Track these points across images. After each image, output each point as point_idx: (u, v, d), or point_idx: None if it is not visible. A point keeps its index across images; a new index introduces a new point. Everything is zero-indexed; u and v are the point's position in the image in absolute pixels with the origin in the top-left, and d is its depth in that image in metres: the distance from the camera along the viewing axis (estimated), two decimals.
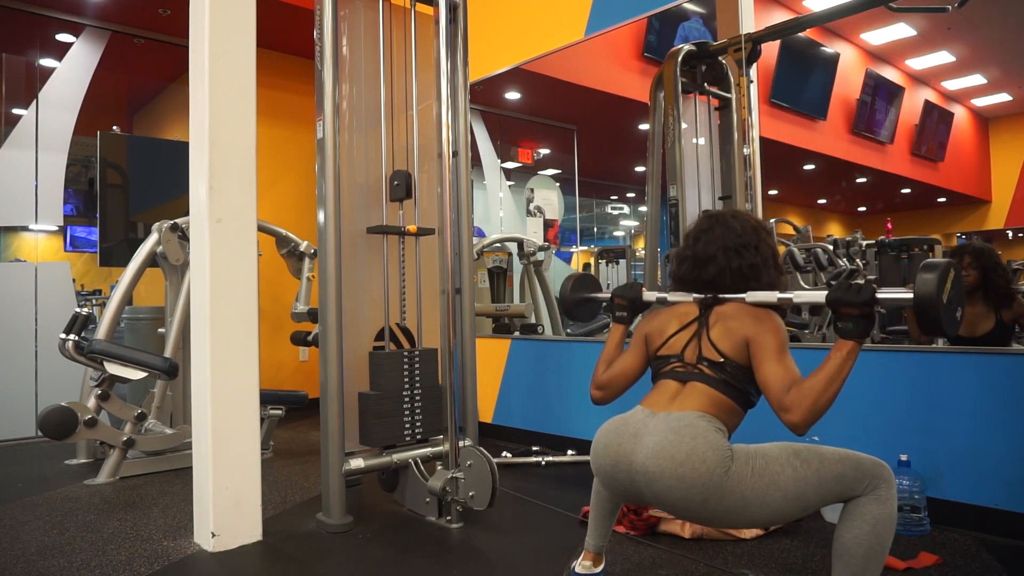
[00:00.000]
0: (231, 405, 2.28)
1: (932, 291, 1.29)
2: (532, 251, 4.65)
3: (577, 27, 3.70)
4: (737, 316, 1.57)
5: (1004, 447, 2.24)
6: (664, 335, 1.67)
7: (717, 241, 1.65)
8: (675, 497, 1.42)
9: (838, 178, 3.87)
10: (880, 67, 3.48)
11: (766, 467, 1.40)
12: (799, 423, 1.37)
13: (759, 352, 1.49)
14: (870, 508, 1.38)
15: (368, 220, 2.69)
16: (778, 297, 1.55)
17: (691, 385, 1.55)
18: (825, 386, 1.36)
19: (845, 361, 1.38)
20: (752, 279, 1.62)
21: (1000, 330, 2.50)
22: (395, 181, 2.63)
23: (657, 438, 1.45)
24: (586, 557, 1.82)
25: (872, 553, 1.37)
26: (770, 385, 1.45)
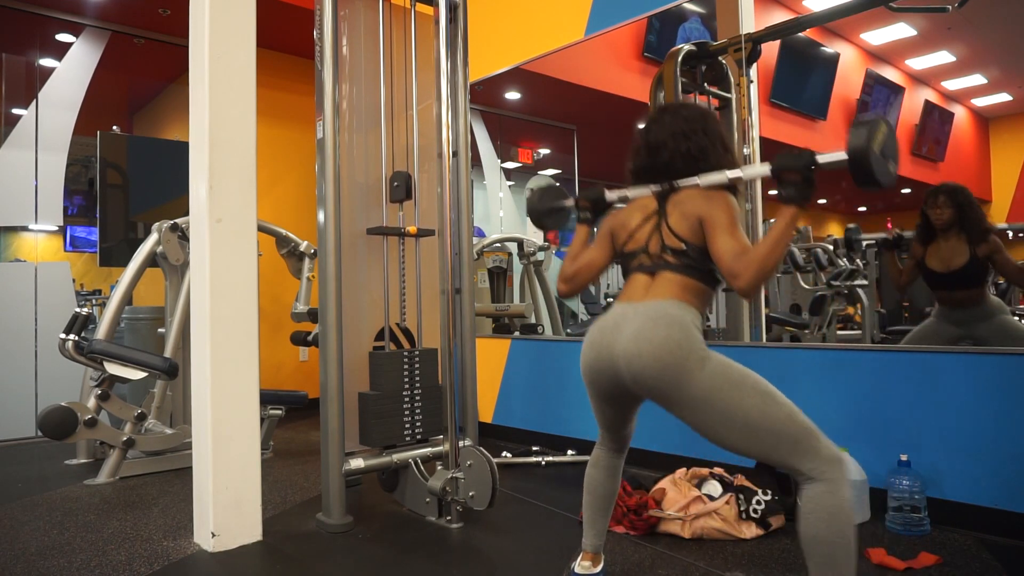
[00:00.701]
0: (231, 405, 2.28)
1: (863, 143, 1.37)
2: (532, 251, 4.64)
3: (577, 27, 3.70)
4: (690, 199, 1.64)
5: (1004, 447, 2.24)
6: (628, 229, 1.74)
7: (666, 128, 1.71)
8: (650, 376, 1.50)
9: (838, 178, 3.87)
10: (880, 67, 3.48)
11: (740, 381, 1.48)
12: (746, 287, 1.46)
13: (711, 228, 1.56)
14: (822, 502, 1.41)
15: (368, 221, 2.69)
16: (728, 176, 1.60)
17: (660, 275, 1.63)
18: (770, 250, 1.44)
19: (788, 225, 1.46)
20: (701, 160, 1.67)
21: (974, 264, 2.60)
22: (395, 182, 2.63)
23: (636, 324, 1.55)
24: (584, 557, 1.82)
25: (836, 548, 1.38)
26: (722, 256, 1.51)
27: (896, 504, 2.30)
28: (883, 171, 1.41)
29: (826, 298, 3.35)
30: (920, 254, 2.75)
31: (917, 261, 2.77)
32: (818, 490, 1.42)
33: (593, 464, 1.85)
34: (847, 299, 3.36)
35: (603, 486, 1.83)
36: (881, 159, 1.40)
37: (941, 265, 2.67)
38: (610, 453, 1.84)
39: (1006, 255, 2.60)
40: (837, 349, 2.71)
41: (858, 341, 3.29)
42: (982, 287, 2.63)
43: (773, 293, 3.50)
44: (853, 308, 3.40)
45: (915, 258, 2.78)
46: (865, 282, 3.29)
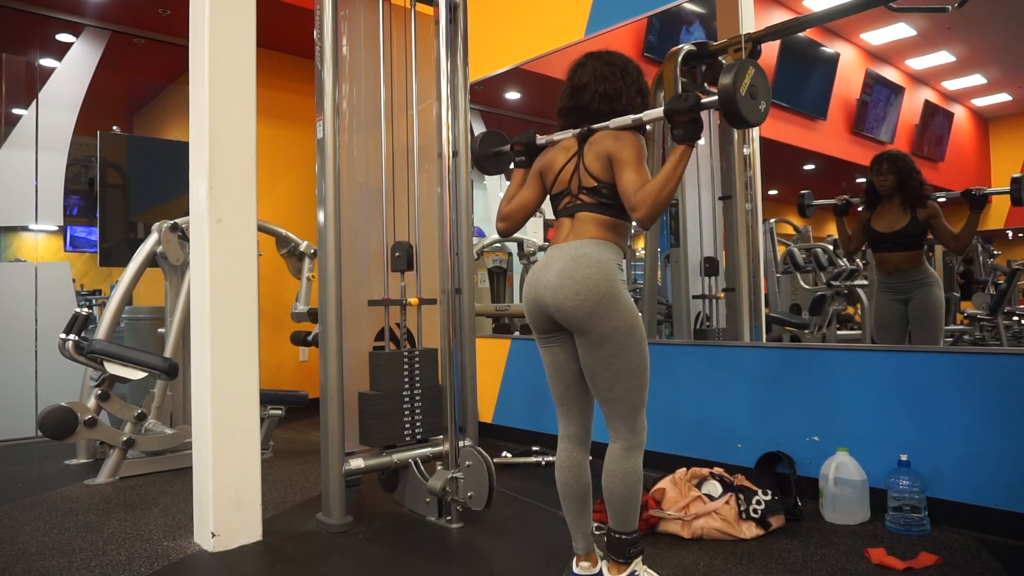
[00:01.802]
0: (231, 405, 2.28)
1: (729, 85, 1.51)
2: (532, 251, 4.64)
3: (577, 27, 3.70)
4: (602, 140, 1.77)
5: (1004, 447, 2.24)
6: (554, 170, 1.86)
7: (589, 70, 1.85)
8: (569, 306, 1.69)
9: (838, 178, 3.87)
10: (880, 67, 3.48)
11: (635, 339, 1.70)
12: (643, 217, 1.62)
13: (618, 165, 1.70)
14: (622, 463, 1.72)
15: (368, 227, 2.69)
16: (632, 119, 1.73)
17: (578, 217, 1.79)
18: (663, 184, 1.59)
19: (679, 162, 1.60)
20: (615, 101, 1.81)
21: (914, 226, 2.81)
22: (396, 252, 2.60)
23: (561, 263, 1.73)
24: (580, 559, 1.82)
25: (625, 502, 1.73)
26: (625, 190, 1.66)
27: (896, 504, 2.30)
28: (751, 111, 1.54)
29: (826, 298, 3.34)
30: (866, 218, 2.95)
31: (864, 225, 2.96)
32: (620, 452, 1.73)
33: (559, 467, 1.85)
34: (847, 299, 3.36)
35: (574, 487, 1.82)
36: (749, 100, 1.53)
37: (885, 227, 2.88)
38: (574, 447, 1.84)
39: (943, 220, 2.79)
40: (837, 349, 2.71)
41: (858, 341, 3.29)
42: (919, 250, 2.84)
43: (773, 293, 3.50)
44: (853, 308, 3.40)
45: (862, 222, 2.98)
46: (865, 282, 3.29)
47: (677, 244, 3.43)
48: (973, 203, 2.74)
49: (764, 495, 2.31)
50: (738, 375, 2.92)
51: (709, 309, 3.38)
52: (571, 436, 1.85)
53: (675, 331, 3.51)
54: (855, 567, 2.00)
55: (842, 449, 2.46)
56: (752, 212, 3.04)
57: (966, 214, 2.77)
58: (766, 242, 3.25)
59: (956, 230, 2.78)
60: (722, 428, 2.97)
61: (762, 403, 2.85)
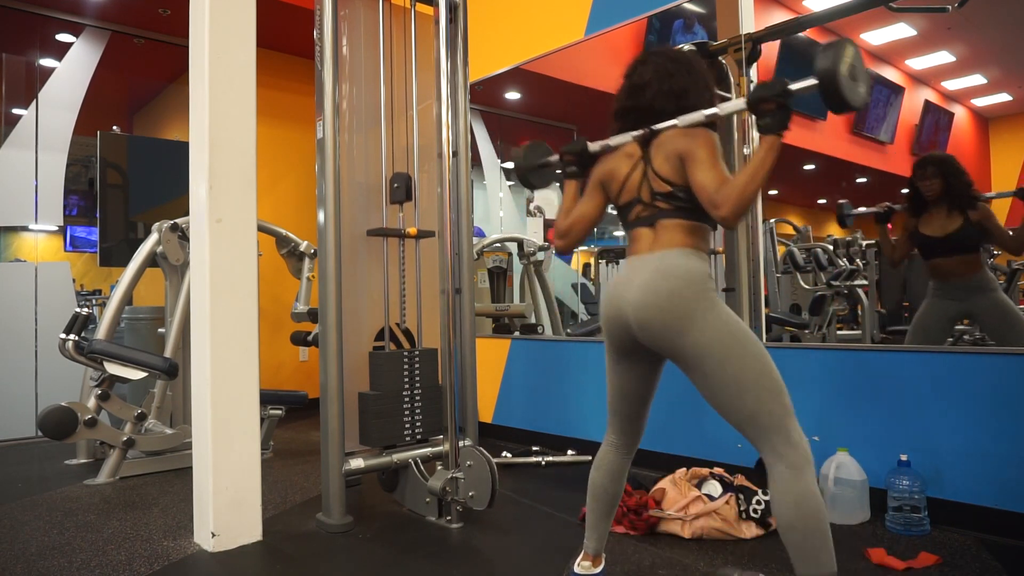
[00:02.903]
0: (231, 405, 2.28)
1: (830, 65, 1.38)
2: (532, 251, 4.64)
3: (577, 27, 3.70)
4: (671, 139, 1.64)
5: (1004, 447, 2.24)
6: (618, 178, 1.74)
7: (651, 69, 1.72)
8: (656, 325, 1.55)
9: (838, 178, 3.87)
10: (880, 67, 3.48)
11: (745, 344, 1.51)
12: (728, 215, 1.48)
13: (692, 163, 1.57)
14: (790, 487, 1.43)
15: (368, 221, 2.69)
16: (704, 114, 1.61)
17: (659, 225, 1.64)
18: (749, 178, 1.46)
19: (767, 154, 1.47)
20: (682, 98, 1.68)
21: (968, 228, 2.61)
22: (395, 183, 2.63)
23: (644, 276, 1.59)
24: (585, 558, 1.82)
25: (807, 533, 1.41)
26: (704, 187, 1.53)
27: (896, 504, 2.30)
28: (853, 93, 1.42)
29: (826, 298, 3.34)
30: (912, 225, 2.76)
31: (910, 233, 2.77)
32: (785, 477, 1.44)
33: (597, 467, 1.82)
34: (847, 299, 3.36)
35: (607, 490, 1.80)
36: (850, 80, 1.41)
37: (936, 231, 2.68)
38: (617, 454, 1.81)
39: (997, 221, 2.62)
40: (837, 349, 2.71)
41: (858, 341, 3.29)
42: (978, 253, 2.63)
43: (773, 293, 3.50)
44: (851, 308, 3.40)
45: (908, 230, 2.78)
46: (865, 282, 3.29)
47: None
48: None
49: (764, 495, 2.31)
50: None
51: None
52: (618, 445, 1.81)
53: None
54: (855, 567, 2.00)
55: (842, 449, 2.46)
56: (752, 212, 3.04)
57: None
58: (766, 242, 3.25)
59: None
60: (722, 428, 2.96)
61: None
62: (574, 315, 5.03)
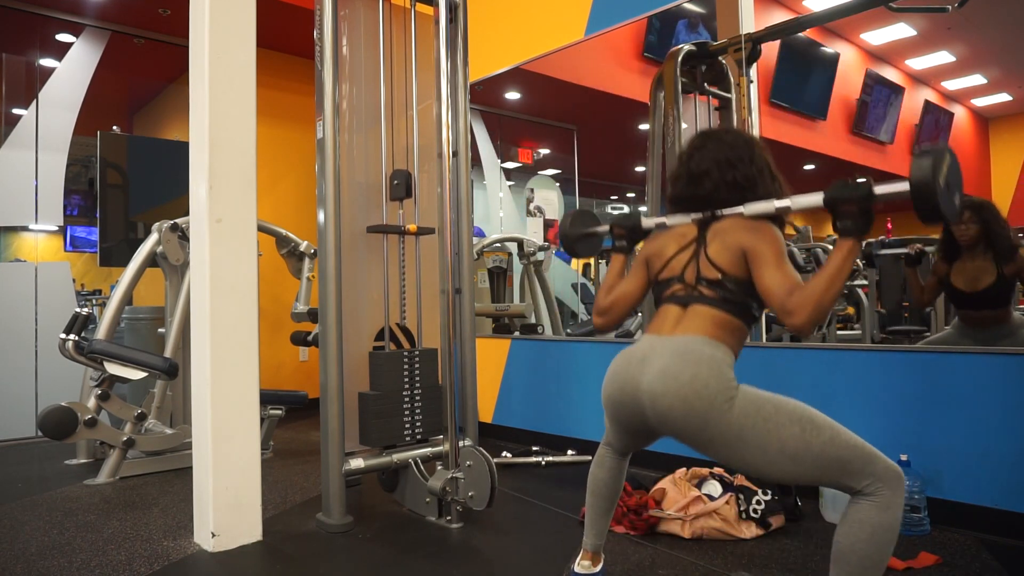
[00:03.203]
0: (231, 405, 2.28)
1: (928, 176, 1.25)
2: (532, 251, 4.64)
3: (577, 27, 3.70)
4: (733, 229, 1.56)
5: (1004, 447, 2.24)
6: (664, 258, 1.67)
7: (710, 156, 1.64)
8: (676, 417, 1.43)
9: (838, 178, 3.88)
10: (880, 67, 3.48)
11: (775, 415, 1.39)
12: (803, 324, 1.37)
13: (757, 260, 1.48)
14: (871, 514, 1.35)
15: (368, 220, 2.69)
16: (775, 206, 1.53)
17: (692, 308, 1.55)
18: (828, 285, 1.36)
19: (846, 259, 1.38)
20: (748, 190, 1.60)
21: (1001, 284, 2.49)
22: (395, 180, 2.63)
23: (664, 361, 1.47)
24: (584, 557, 1.82)
25: (869, 563, 1.35)
26: (772, 291, 1.44)
27: None
28: (949, 205, 1.29)
29: None
30: (944, 271, 2.62)
31: (940, 279, 2.65)
32: (870, 504, 1.36)
33: (598, 464, 1.83)
34: (847, 299, 3.36)
35: (607, 487, 1.81)
36: (946, 192, 1.28)
37: (967, 284, 2.56)
38: (615, 455, 1.82)
39: None
40: (837, 349, 2.71)
41: (858, 341, 3.29)
42: (1008, 307, 2.51)
43: None
44: (853, 308, 3.40)
45: (939, 275, 2.66)
46: (865, 282, 3.29)
47: None
48: None
49: (764, 495, 2.31)
50: (738, 375, 2.91)
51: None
52: (616, 448, 1.80)
53: None
54: None
55: None
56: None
57: None
58: None
59: None
60: None
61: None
62: (574, 315, 5.03)
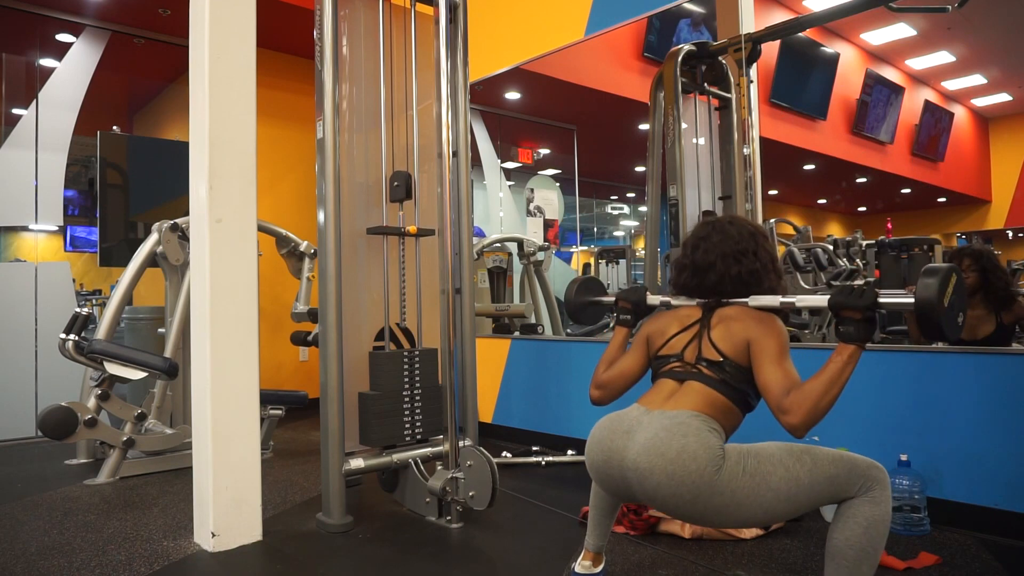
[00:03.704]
0: (231, 405, 2.28)
1: (933, 296, 1.30)
2: (532, 251, 4.64)
3: (577, 27, 3.70)
4: (739, 318, 1.58)
5: (1004, 447, 2.24)
6: (665, 336, 1.69)
7: (715, 248, 1.66)
8: (665, 494, 1.42)
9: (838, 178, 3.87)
10: (880, 67, 3.48)
11: (758, 467, 1.40)
12: (798, 425, 1.37)
13: (759, 354, 1.50)
14: (863, 510, 1.38)
15: (368, 220, 2.69)
16: (780, 301, 1.56)
17: (688, 384, 1.56)
18: (825, 389, 1.36)
19: (846, 365, 1.38)
20: (753, 284, 1.63)
21: (1000, 332, 2.50)
22: (395, 182, 2.63)
23: (649, 435, 1.46)
24: (586, 557, 1.82)
25: (864, 555, 1.37)
26: (770, 388, 1.45)
27: (896, 504, 2.30)
28: (952, 325, 1.34)
29: None
30: None
31: None
32: (862, 501, 1.39)
33: None
34: None
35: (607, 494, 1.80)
36: (950, 313, 1.33)
37: (967, 333, 2.54)
38: None
39: None
40: None
41: None
42: None
43: None
44: None
45: None
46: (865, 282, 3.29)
47: (677, 244, 3.43)
48: None
49: None
50: None
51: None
52: None
53: None
54: None
55: (842, 449, 2.46)
56: (752, 212, 3.04)
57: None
58: None
59: None
60: None
61: (761, 403, 2.84)
62: None
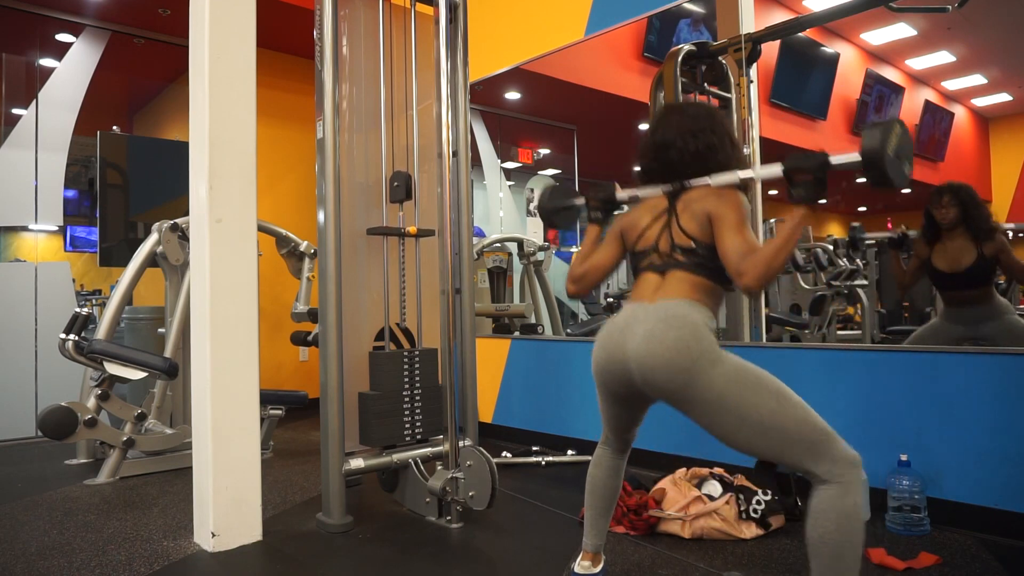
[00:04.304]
0: (231, 405, 2.28)
1: (876, 144, 1.38)
2: (532, 251, 4.64)
3: (577, 27, 3.70)
4: (701, 198, 1.64)
5: (1004, 447, 2.24)
6: (638, 228, 1.74)
7: (674, 127, 1.71)
8: (661, 378, 1.50)
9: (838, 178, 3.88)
10: (880, 67, 3.48)
11: (756, 385, 1.47)
12: (751, 284, 1.47)
13: (720, 225, 1.56)
14: (833, 503, 1.40)
15: (368, 220, 2.69)
16: (739, 176, 1.62)
17: (670, 274, 1.63)
18: (778, 250, 1.45)
19: (797, 226, 1.46)
20: (710, 159, 1.68)
21: (981, 263, 2.59)
22: (395, 182, 2.63)
23: (648, 326, 1.55)
24: (584, 557, 1.82)
25: (840, 551, 1.38)
26: (728, 254, 1.52)
27: (896, 504, 2.30)
28: (897, 172, 1.41)
29: (826, 298, 3.34)
30: (926, 254, 2.73)
31: (923, 261, 2.75)
32: (831, 492, 1.41)
33: (596, 464, 1.84)
34: (847, 299, 3.36)
35: (605, 487, 1.82)
36: (895, 160, 1.40)
37: (948, 265, 2.66)
38: (613, 453, 1.84)
39: (1012, 254, 2.59)
40: (837, 349, 2.71)
41: (858, 341, 3.29)
42: (989, 286, 2.61)
43: (773, 293, 3.50)
44: (853, 308, 3.40)
45: (920, 258, 2.76)
46: (865, 282, 3.29)
47: None
48: None
49: (764, 495, 2.31)
50: None
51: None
52: (612, 445, 1.83)
53: None
54: None
55: None
56: (752, 212, 3.04)
57: None
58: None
59: None
60: None
61: None
62: (574, 315, 5.02)
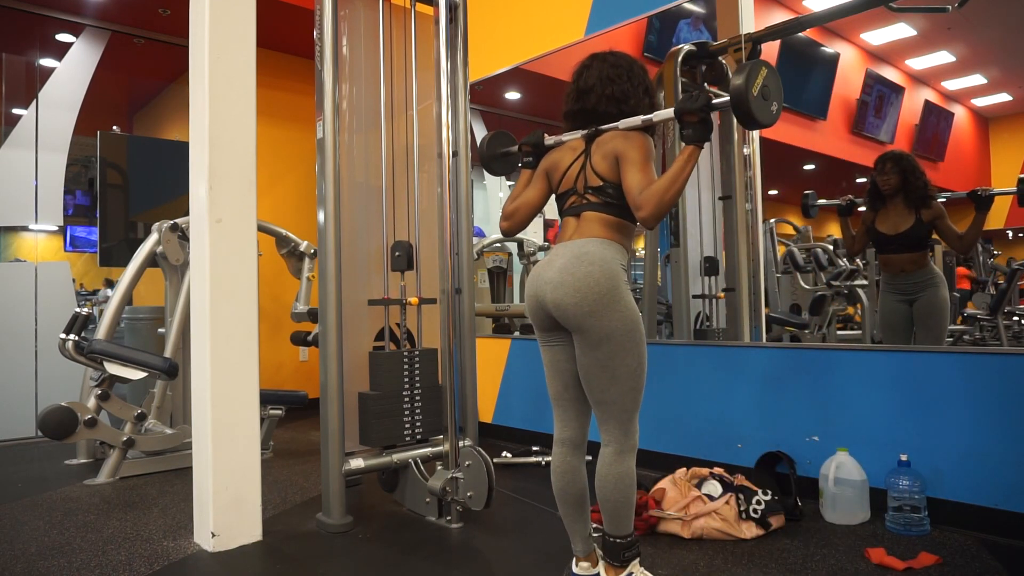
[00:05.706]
0: (231, 405, 2.28)
1: (742, 85, 1.51)
2: (532, 251, 4.64)
3: (577, 27, 3.70)
4: (611, 140, 1.77)
5: (1004, 447, 2.24)
6: (560, 169, 1.87)
7: (595, 73, 1.85)
8: (570, 303, 1.67)
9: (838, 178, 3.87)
10: (880, 67, 3.48)
11: (633, 343, 1.67)
12: (648, 216, 1.62)
13: (624, 163, 1.70)
14: (613, 468, 1.70)
15: (369, 220, 2.69)
16: (642, 119, 1.74)
17: (584, 216, 1.78)
18: (669, 184, 1.60)
19: (687, 162, 1.61)
20: (624, 104, 1.81)
21: (918, 227, 2.79)
22: (396, 252, 2.60)
23: (563, 261, 1.72)
24: (580, 560, 1.82)
25: (619, 505, 1.71)
26: (630, 189, 1.67)
27: (896, 504, 2.30)
28: (763, 112, 1.55)
29: (826, 298, 3.35)
30: (870, 219, 2.93)
31: (868, 226, 2.94)
32: (613, 456, 1.71)
33: (554, 473, 1.83)
34: (847, 299, 3.36)
35: (569, 493, 1.80)
36: (761, 100, 1.54)
37: (889, 229, 2.86)
38: (569, 453, 1.81)
39: (948, 220, 2.77)
40: (837, 349, 2.71)
41: (858, 341, 3.29)
42: (925, 252, 2.82)
43: (773, 293, 3.50)
44: (853, 308, 3.40)
45: (866, 223, 2.95)
46: (865, 282, 3.29)
47: (677, 244, 3.43)
48: (979, 204, 2.73)
49: (764, 495, 2.31)
50: (738, 375, 2.92)
51: (709, 309, 3.38)
52: (566, 440, 1.83)
53: (675, 331, 3.51)
54: (855, 567, 2.00)
55: (842, 449, 2.46)
56: (752, 212, 3.04)
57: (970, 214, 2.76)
58: (766, 242, 3.25)
59: (961, 231, 2.77)
60: (722, 428, 2.97)
61: (762, 403, 2.85)
62: None
